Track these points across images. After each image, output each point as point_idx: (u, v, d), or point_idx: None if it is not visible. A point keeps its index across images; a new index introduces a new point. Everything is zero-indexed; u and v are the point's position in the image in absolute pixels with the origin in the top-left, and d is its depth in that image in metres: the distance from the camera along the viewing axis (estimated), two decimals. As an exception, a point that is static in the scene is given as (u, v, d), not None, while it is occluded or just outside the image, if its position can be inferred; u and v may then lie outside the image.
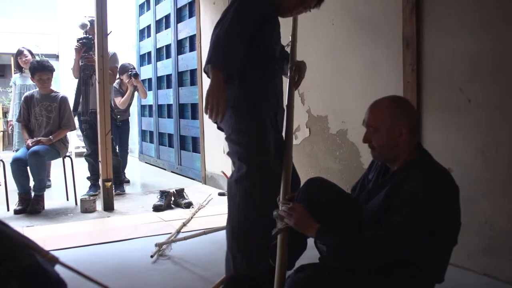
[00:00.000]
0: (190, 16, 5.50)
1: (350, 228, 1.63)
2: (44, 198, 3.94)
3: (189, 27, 5.50)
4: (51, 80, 4.18)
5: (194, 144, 5.55)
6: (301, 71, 2.17)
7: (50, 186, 4.84)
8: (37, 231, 3.23)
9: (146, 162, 7.11)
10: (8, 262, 1.19)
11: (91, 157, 4.45)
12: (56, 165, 4.60)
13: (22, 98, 4.24)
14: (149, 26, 6.90)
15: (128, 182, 5.24)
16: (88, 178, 4.57)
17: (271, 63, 2.04)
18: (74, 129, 4.35)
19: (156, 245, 2.69)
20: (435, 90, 2.42)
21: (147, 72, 6.96)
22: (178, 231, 2.86)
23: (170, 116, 6.21)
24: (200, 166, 5.19)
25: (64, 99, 4.15)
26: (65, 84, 7.94)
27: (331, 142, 3.15)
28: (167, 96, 6.24)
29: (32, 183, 3.89)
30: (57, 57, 9.58)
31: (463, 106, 2.27)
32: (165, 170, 6.30)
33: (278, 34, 2.12)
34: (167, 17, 6.19)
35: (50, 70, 4.13)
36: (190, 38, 5.52)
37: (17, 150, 4.45)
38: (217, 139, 4.60)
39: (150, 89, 6.78)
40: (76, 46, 4.40)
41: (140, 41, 7.36)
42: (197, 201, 3.90)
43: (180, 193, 4.01)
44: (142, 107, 7.31)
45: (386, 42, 2.69)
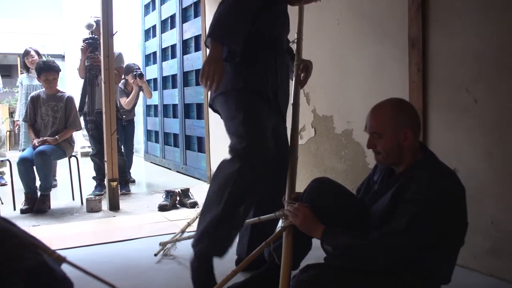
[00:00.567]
0: (196, 16, 5.50)
1: (356, 229, 1.62)
2: (50, 198, 3.96)
3: (194, 27, 5.50)
4: (57, 80, 4.20)
5: (199, 144, 5.55)
6: (308, 70, 2.17)
7: (56, 186, 4.86)
8: (43, 231, 3.24)
9: (151, 162, 7.12)
10: (14, 261, 1.19)
11: (97, 156, 4.46)
12: (62, 164, 4.62)
13: (29, 98, 4.26)
14: (154, 26, 6.91)
15: (133, 182, 5.25)
16: (93, 177, 4.58)
17: (270, 50, 1.99)
18: (80, 129, 4.37)
19: (160, 244, 2.70)
20: (441, 90, 2.41)
21: (153, 72, 6.97)
22: (183, 231, 2.86)
23: (175, 116, 6.21)
24: (205, 166, 5.19)
25: (70, 99, 4.17)
26: (71, 84, 7.96)
27: (336, 142, 3.15)
28: (173, 96, 6.25)
29: (38, 183, 3.91)
30: (63, 57, 9.61)
31: (470, 106, 2.26)
32: (170, 170, 6.31)
33: (284, 24, 2.09)
34: (173, 17, 6.20)
35: (56, 70, 4.15)
36: (196, 38, 5.52)
37: (23, 150, 4.48)
38: (222, 139, 4.57)
39: (155, 89, 6.79)
40: (82, 46, 4.42)
41: (145, 41, 7.37)
42: (202, 201, 3.87)
43: (185, 193, 4.01)
44: (148, 107, 7.32)
45: (391, 42, 2.68)
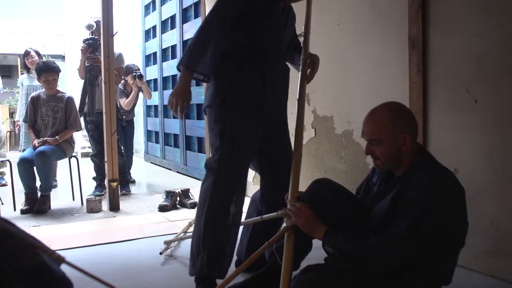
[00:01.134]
0: (196, 16, 5.50)
1: (357, 230, 1.62)
2: (50, 198, 3.96)
3: (194, 28, 5.50)
4: (57, 81, 4.20)
5: (199, 144, 5.55)
6: (314, 65, 2.17)
7: (56, 186, 4.86)
8: (43, 231, 3.24)
9: (151, 162, 7.12)
10: (13, 261, 1.19)
11: (97, 157, 4.46)
12: (62, 165, 4.62)
13: (29, 99, 4.26)
14: (154, 27, 6.91)
15: (133, 182, 5.25)
16: (94, 178, 4.59)
17: (256, 62, 2.03)
18: (80, 129, 4.37)
19: (165, 242, 2.71)
20: (441, 90, 2.40)
21: (153, 72, 6.97)
22: (185, 231, 2.87)
23: (175, 116, 6.19)
24: (205, 167, 5.18)
25: (70, 100, 4.17)
26: (71, 84, 7.97)
27: (337, 143, 3.14)
28: (173, 96, 6.24)
29: (38, 183, 3.91)
30: (63, 58, 9.61)
31: (470, 106, 2.26)
32: (170, 170, 6.31)
33: (278, 29, 2.10)
34: (173, 17, 6.20)
35: (56, 71, 4.15)
36: (196, 38, 5.52)
37: (23, 150, 4.48)
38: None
39: (155, 89, 6.79)
40: (82, 47, 4.42)
41: (145, 41, 7.38)
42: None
43: (185, 193, 4.02)
44: (148, 108, 7.33)
45: (391, 42, 2.68)
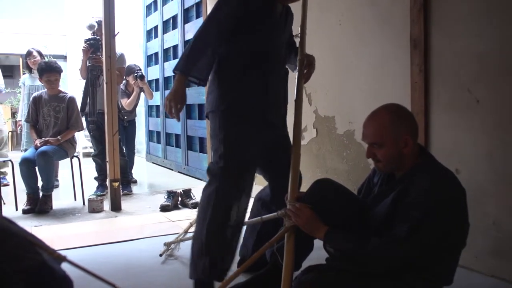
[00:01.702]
0: (197, 16, 5.50)
1: (358, 230, 1.61)
2: (52, 198, 3.97)
3: (196, 28, 5.45)
4: (59, 81, 4.21)
5: (201, 144, 5.55)
6: (311, 65, 2.16)
7: (58, 186, 4.87)
8: (45, 231, 3.25)
9: (153, 163, 7.12)
10: (14, 261, 1.19)
11: (99, 157, 4.46)
12: (64, 165, 4.63)
13: (31, 99, 4.27)
14: (156, 27, 6.92)
15: (135, 182, 5.25)
16: (95, 178, 4.59)
17: (258, 66, 2.00)
18: (82, 129, 4.38)
19: (164, 244, 2.70)
20: (443, 90, 2.40)
21: (154, 72, 6.98)
22: (186, 231, 2.87)
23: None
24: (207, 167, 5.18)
25: (72, 100, 4.18)
26: (72, 84, 7.97)
27: (338, 143, 3.14)
28: (174, 96, 6.24)
29: (40, 183, 3.92)
30: (64, 58, 9.62)
31: (471, 106, 2.26)
32: (172, 170, 6.31)
33: (278, 30, 2.08)
34: (174, 17, 6.20)
35: (58, 71, 4.16)
36: (197, 38, 5.51)
37: (25, 150, 4.48)
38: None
39: (157, 89, 6.80)
40: (83, 47, 4.42)
41: (147, 41, 7.38)
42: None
43: (187, 193, 4.02)
44: (149, 108, 7.33)
45: (393, 42, 2.68)
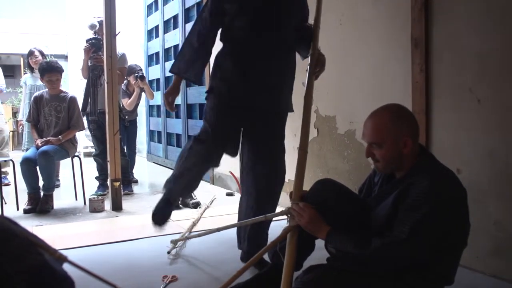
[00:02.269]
0: (198, 16, 5.50)
1: (360, 231, 1.61)
2: (53, 198, 3.98)
3: (197, 28, 5.49)
4: (60, 80, 4.21)
5: (202, 144, 5.54)
6: (323, 66, 2.24)
7: (59, 186, 4.88)
8: (46, 231, 3.25)
9: (154, 162, 7.12)
10: (15, 262, 1.19)
11: (100, 157, 4.47)
12: (65, 165, 4.64)
13: (32, 98, 4.27)
14: (157, 27, 6.92)
15: (136, 182, 5.25)
16: (96, 178, 4.59)
17: (245, 54, 2.19)
18: (83, 129, 4.38)
19: (171, 241, 2.72)
20: (444, 90, 2.40)
21: (155, 72, 6.98)
22: (190, 230, 2.88)
23: (178, 116, 6.21)
24: (208, 166, 5.18)
25: (73, 99, 4.18)
26: (74, 84, 7.97)
27: (339, 142, 3.14)
28: (175, 96, 6.24)
29: (41, 183, 3.92)
30: (66, 57, 9.62)
31: (473, 106, 2.25)
32: (173, 170, 6.30)
33: (268, 20, 2.16)
34: (175, 17, 6.21)
35: (59, 71, 4.16)
36: (198, 38, 5.52)
37: (26, 150, 4.49)
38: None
39: (158, 89, 6.80)
40: (85, 46, 4.43)
41: (148, 41, 7.39)
42: (205, 201, 3.90)
43: (188, 193, 4.01)
44: (150, 107, 7.34)
45: (394, 42, 2.68)
